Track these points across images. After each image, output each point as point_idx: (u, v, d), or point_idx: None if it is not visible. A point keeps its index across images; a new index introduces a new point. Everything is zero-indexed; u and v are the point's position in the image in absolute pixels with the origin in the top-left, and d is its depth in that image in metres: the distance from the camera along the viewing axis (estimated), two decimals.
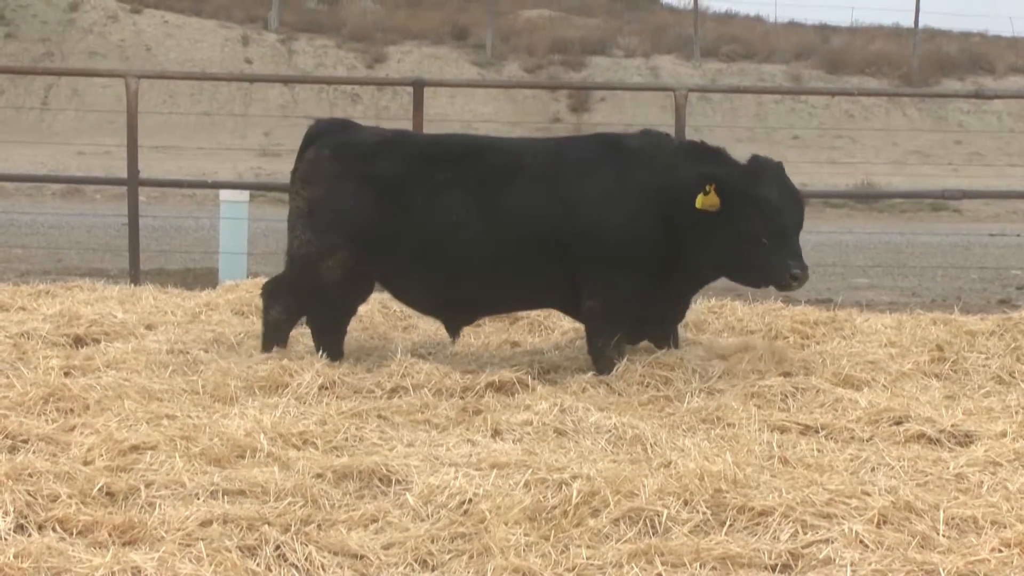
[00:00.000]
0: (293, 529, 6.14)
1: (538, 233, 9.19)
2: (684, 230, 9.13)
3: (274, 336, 9.52)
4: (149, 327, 10.30)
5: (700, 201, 8.98)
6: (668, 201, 9.13)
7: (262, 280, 11.50)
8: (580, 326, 10.19)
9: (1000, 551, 5.85)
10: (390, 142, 9.64)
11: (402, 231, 9.27)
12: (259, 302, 9.76)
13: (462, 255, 9.24)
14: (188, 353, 9.43)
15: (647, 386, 8.79)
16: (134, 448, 7.12)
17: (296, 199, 9.52)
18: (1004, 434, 7.71)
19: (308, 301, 9.48)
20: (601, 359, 9.21)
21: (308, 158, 9.53)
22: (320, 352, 9.24)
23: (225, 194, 14.24)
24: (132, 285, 12.46)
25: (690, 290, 9.70)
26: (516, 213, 9.23)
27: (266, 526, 6.11)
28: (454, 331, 9.74)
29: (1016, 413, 8.23)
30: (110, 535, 6.02)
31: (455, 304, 9.52)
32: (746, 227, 8.98)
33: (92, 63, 34.98)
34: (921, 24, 43.32)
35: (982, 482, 6.91)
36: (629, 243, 9.13)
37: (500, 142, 9.98)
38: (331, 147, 9.51)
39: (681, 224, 9.12)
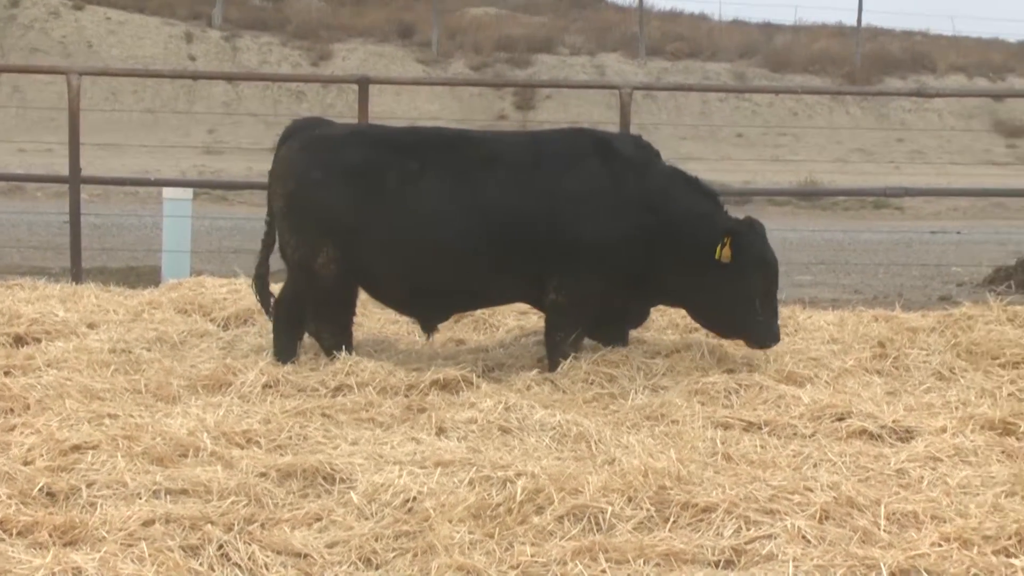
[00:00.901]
0: (236, 528, 6.12)
1: (515, 226, 9.18)
2: (671, 258, 9.23)
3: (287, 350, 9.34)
4: (91, 326, 10.23)
5: (718, 253, 9.09)
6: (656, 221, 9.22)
7: (205, 278, 11.45)
8: (525, 323, 10.21)
9: (940, 545, 5.89)
10: (360, 133, 9.62)
11: (373, 222, 9.22)
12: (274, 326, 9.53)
13: (436, 248, 9.20)
14: (130, 352, 9.38)
15: (592, 383, 8.80)
16: (75, 448, 7.07)
17: (275, 199, 9.47)
18: (944, 430, 7.77)
19: (314, 304, 9.34)
20: (555, 353, 9.22)
21: (280, 156, 9.50)
22: (339, 352, 9.08)
23: (168, 192, 14.16)
24: (74, 283, 12.36)
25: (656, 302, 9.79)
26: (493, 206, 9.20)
27: (209, 525, 6.09)
28: (429, 328, 9.70)
29: (956, 409, 8.29)
30: (51, 535, 5.98)
31: (430, 298, 9.47)
32: (746, 286, 9.16)
33: (33, 60, 34.73)
34: (864, 23, 43.69)
35: (922, 477, 6.97)
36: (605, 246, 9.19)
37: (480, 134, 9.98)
38: (301, 141, 9.48)
39: (668, 251, 9.21)
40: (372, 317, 10.52)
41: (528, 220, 9.15)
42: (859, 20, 43.31)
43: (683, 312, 10.13)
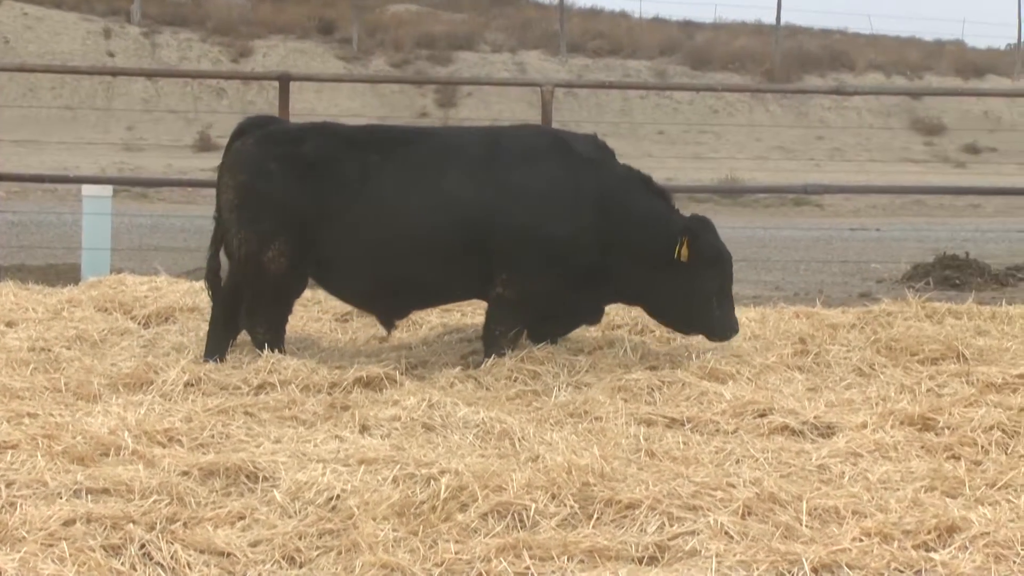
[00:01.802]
0: (159, 527, 6.07)
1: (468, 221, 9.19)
2: (627, 257, 9.29)
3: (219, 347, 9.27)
4: (9, 324, 10.12)
5: (676, 252, 9.19)
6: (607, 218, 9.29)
7: (126, 276, 11.36)
8: (448, 320, 10.20)
9: (861, 540, 5.95)
10: (318, 127, 9.58)
11: (331, 215, 9.17)
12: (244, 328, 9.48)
13: (393, 241, 9.18)
14: (50, 350, 9.28)
15: (515, 380, 8.80)
16: None
17: (225, 192, 9.37)
18: (865, 425, 7.83)
19: (254, 298, 9.28)
20: (493, 347, 9.22)
21: (233, 149, 9.43)
22: (266, 349, 9.04)
23: (87, 189, 14.03)
24: None
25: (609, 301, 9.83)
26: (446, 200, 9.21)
27: (131, 525, 6.03)
28: (388, 324, 9.68)
29: (876, 405, 8.36)
30: None
31: (388, 294, 9.44)
32: (703, 282, 9.29)
33: None
34: (783, 21, 44.08)
35: (843, 473, 7.02)
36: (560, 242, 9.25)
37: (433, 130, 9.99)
38: (255, 136, 9.42)
39: (624, 250, 9.29)
40: (295, 315, 10.44)
41: (484, 215, 9.15)
42: (778, 18, 43.68)
43: (606, 309, 10.16)
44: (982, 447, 7.51)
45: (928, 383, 8.85)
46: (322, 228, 9.17)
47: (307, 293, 10.97)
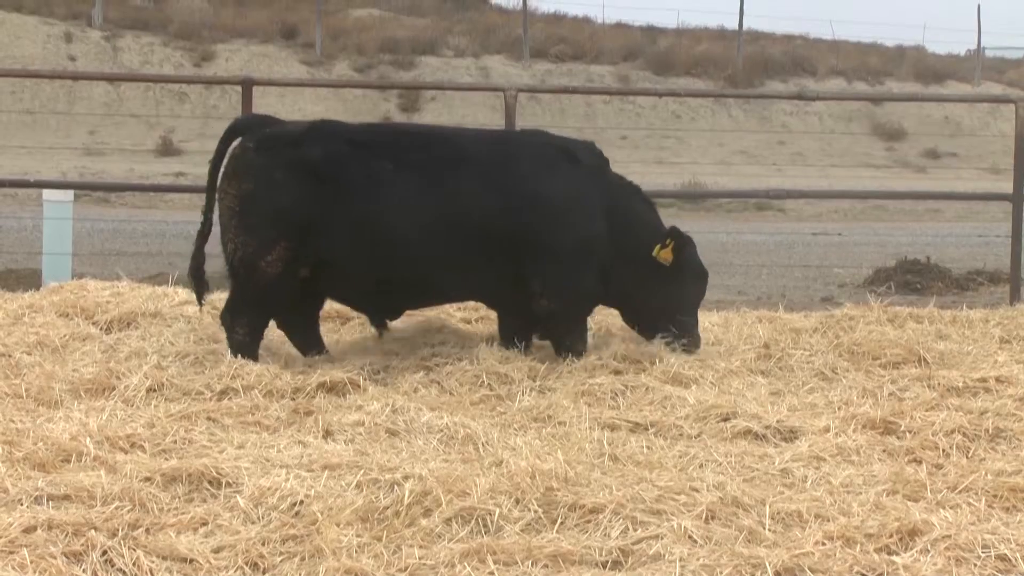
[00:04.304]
0: (120, 534, 6.04)
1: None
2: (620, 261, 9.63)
3: (245, 356, 9.21)
4: None
5: (656, 251, 9.54)
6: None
7: (87, 281, 11.30)
8: (409, 325, 10.21)
9: (823, 544, 5.97)
10: (318, 128, 9.57)
11: (337, 219, 9.20)
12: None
13: (401, 245, 9.27)
14: (11, 356, 9.23)
15: (479, 385, 8.80)
16: None
17: (225, 198, 9.34)
18: (827, 429, 7.87)
19: (241, 300, 9.31)
20: (568, 352, 9.49)
21: (234, 154, 9.41)
22: (237, 355, 9.06)
23: (48, 194, 13.95)
24: None
25: None
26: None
27: (92, 531, 6.00)
28: (381, 324, 9.80)
29: (839, 409, 8.40)
30: None
31: (389, 295, 9.53)
32: (685, 294, 9.73)
33: None
34: (745, 27, 44.20)
35: (806, 477, 7.04)
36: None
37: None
38: (255, 140, 9.40)
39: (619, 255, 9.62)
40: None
41: (491, 218, 9.32)
42: (740, 24, 43.80)
43: None
44: (943, 451, 7.55)
45: (890, 387, 8.91)
46: (326, 233, 9.20)
47: None
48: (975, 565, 5.84)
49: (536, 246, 9.36)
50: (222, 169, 9.44)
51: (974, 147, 37.83)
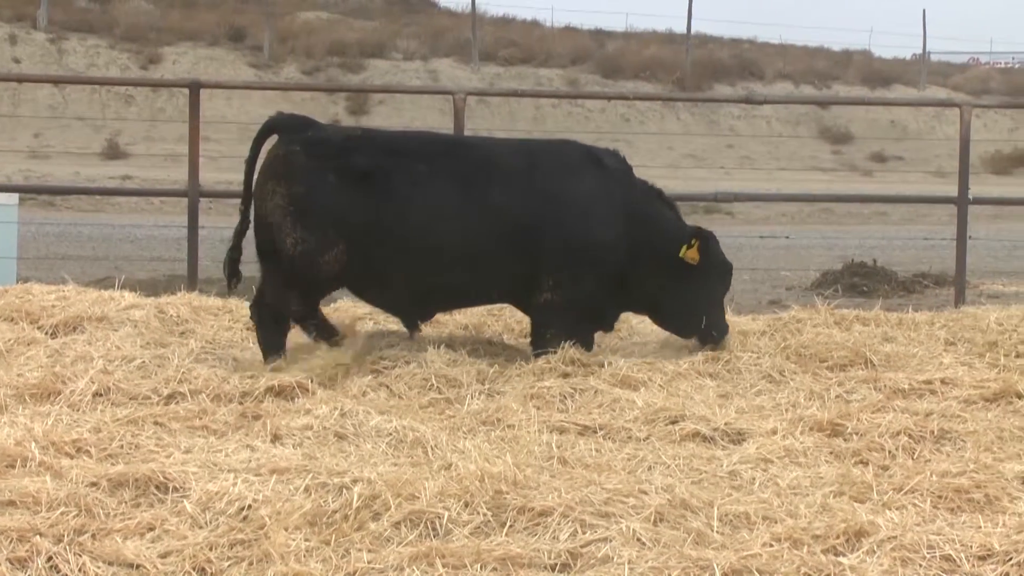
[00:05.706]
0: (66, 539, 6.00)
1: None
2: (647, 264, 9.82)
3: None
4: None
5: (683, 251, 9.77)
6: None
7: (32, 285, 11.21)
8: (357, 328, 10.19)
9: (771, 545, 5.99)
10: (359, 136, 9.82)
11: (380, 224, 9.36)
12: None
13: (440, 249, 9.44)
14: None
15: (428, 388, 8.80)
16: None
17: (274, 196, 9.43)
18: (775, 431, 7.90)
19: (289, 287, 9.45)
20: (544, 346, 9.53)
21: (279, 154, 9.52)
22: (266, 350, 9.36)
23: None
24: None
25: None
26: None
27: (37, 537, 5.95)
28: (414, 326, 9.87)
29: (786, 411, 8.44)
30: None
31: (424, 298, 9.66)
32: (711, 291, 9.98)
33: None
34: (693, 30, 44.40)
35: (754, 479, 7.07)
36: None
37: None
38: (300, 143, 9.50)
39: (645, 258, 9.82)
40: (204, 324, 10.39)
41: (534, 223, 9.53)
42: (688, 27, 43.99)
43: (518, 316, 10.19)
44: (889, 452, 7.60)
45: (837, 389, 8.95)
46: (373, 237, 9.37)
47: (217, 301, 10.94)
48: (920, 566, 5.87)
49: (556, 245, 9.54)
50: (261, 168, 9.57)
51: (920, 151, 38.12)
